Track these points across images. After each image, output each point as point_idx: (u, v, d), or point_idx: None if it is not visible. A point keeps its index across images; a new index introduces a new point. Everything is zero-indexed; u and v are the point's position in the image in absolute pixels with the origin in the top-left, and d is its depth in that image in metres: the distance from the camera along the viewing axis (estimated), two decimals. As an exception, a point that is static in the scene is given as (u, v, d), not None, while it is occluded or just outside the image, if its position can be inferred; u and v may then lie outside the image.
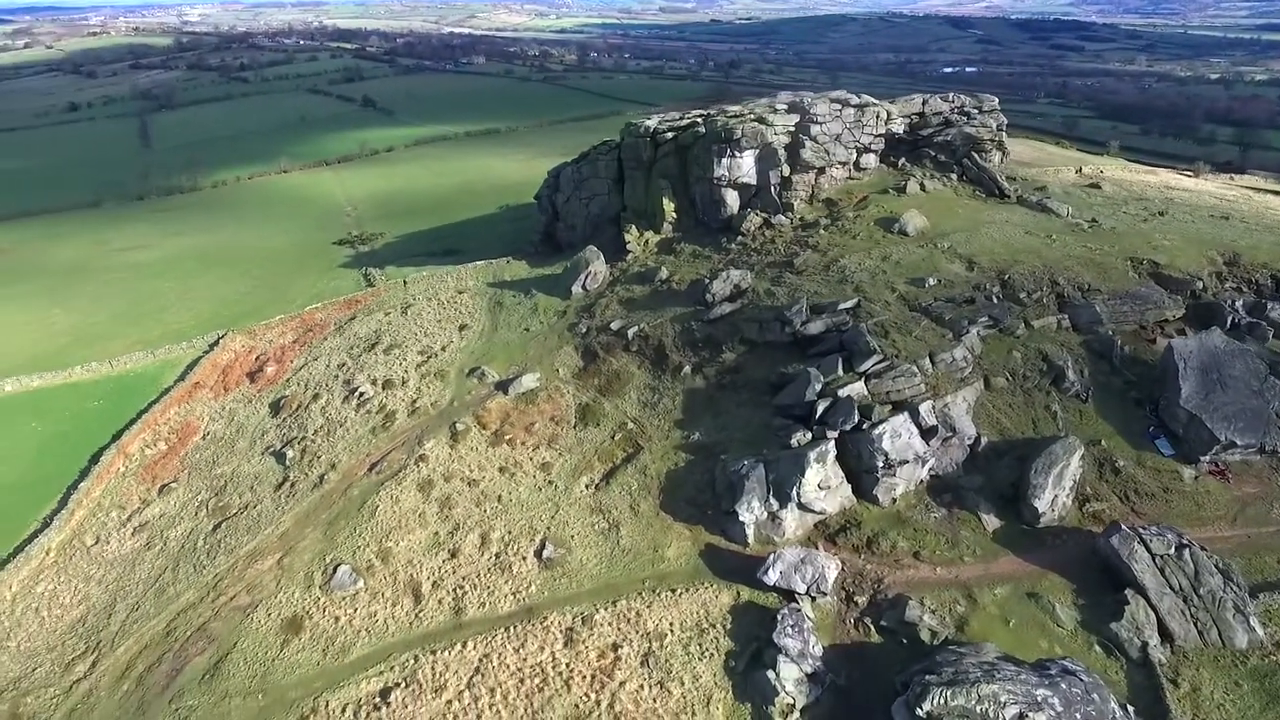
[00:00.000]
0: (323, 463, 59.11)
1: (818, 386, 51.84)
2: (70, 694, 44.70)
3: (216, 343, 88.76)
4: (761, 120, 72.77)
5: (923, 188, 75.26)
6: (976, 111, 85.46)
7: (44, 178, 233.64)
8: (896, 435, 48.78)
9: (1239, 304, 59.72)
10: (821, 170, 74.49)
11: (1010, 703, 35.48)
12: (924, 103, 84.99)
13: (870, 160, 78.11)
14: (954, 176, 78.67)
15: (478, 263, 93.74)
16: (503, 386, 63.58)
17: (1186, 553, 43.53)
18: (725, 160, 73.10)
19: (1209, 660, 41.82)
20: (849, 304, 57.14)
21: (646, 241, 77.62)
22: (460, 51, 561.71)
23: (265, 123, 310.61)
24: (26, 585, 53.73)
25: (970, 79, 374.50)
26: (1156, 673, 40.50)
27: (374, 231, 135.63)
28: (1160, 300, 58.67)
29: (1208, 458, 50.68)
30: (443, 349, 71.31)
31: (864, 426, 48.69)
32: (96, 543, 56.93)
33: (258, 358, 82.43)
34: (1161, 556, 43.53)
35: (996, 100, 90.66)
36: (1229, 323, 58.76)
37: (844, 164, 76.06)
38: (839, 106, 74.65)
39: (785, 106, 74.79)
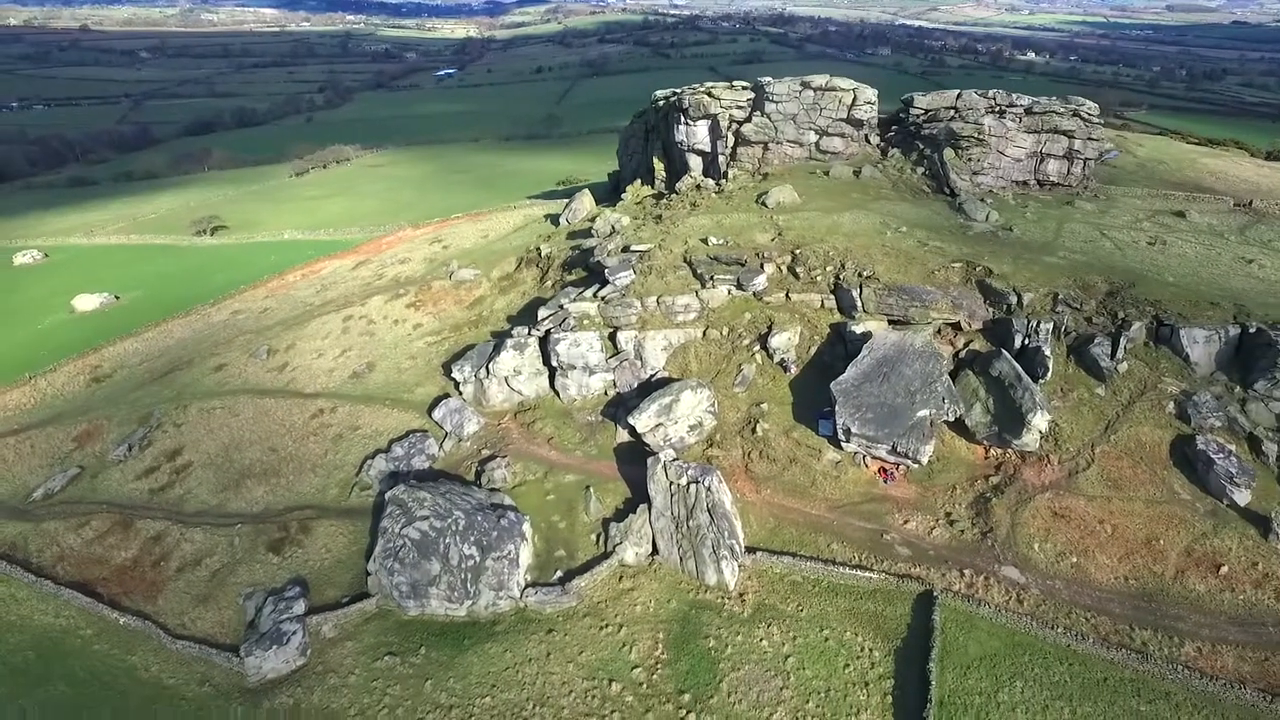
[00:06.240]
0: (323, 296, 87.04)
1: (563, 301, 63.26)
2: (139, 371, 79.11)
3: (399, 230, 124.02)
4: (709, 94, 79.17)
5: (857, 174, 73.80)
6: (1023, 113, 78.24)
7: (480, 117, 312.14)
8: (575, 346, 58.61)
9: (1042, 327, 53.19)
10: (766, 145, 77.99)
11: (426, 505, 47.72)
12: (958, 96, 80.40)
13: (835, 143, 77.99)
14: (921, 169, 74.87)
15: (563, 200, 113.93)
16: (452, 274, 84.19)
17: (694, 488, 47.69)
18: (683, 128, 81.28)
19: (668, 582, 46.82)
20: (643, 248, 65.51)
21: (639, 193, 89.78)
22: (868, 42, 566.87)
23: (641, 92, 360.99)
24: (175, 326, 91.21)
25: None
26: (601, 564, 47.25)
27: (581, 177, 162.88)
28: (930, 300, 55.05)
29: (847, 444, 50.66)
30: (454, 246, 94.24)
31: (549, 333, 59.58)
32: (225, 314, 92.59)
33: (395, 239, 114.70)
34: (675, 484, 48.43)
35: (1091, 106, 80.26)
36: (1017, 344, 53.57)
37: (796, 143, 77.84)
38: (799, 89, 76.70)
39: (746, 84, 79.44)
